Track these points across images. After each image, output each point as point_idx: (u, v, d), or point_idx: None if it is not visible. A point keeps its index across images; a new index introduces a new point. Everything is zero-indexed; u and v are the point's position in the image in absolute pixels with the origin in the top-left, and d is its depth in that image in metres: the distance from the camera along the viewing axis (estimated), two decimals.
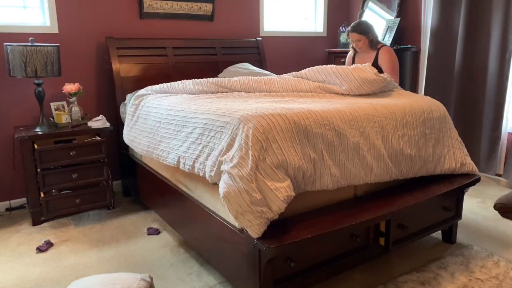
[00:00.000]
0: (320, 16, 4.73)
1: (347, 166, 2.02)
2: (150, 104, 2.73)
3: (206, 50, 3.82)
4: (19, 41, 2.95)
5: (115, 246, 2.62)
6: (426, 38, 4.03)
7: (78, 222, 3.01)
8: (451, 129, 2.55)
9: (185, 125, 2.22)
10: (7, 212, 3.17)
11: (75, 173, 2.93)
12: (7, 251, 2.58)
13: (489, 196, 3.37)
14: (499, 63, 3.49)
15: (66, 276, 2.29)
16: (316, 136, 1.93)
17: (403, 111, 2.32)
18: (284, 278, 1.85)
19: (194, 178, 2.27)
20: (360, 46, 3.40)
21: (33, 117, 3.20)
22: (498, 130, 3.59)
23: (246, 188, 1.69)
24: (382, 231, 2.18)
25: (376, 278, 2.23)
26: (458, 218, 2.58)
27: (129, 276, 1.84)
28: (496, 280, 2.18)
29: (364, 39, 3.36)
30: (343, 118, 2.05)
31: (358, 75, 2.54)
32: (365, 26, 3.39)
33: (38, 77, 2.83)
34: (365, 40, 3.37)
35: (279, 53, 4.43)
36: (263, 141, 1.76)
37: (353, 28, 3.38)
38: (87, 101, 3.41)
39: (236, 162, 1.74)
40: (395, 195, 2.21)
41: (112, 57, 3.34)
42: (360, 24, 3.41)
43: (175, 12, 3.70)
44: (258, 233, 1.70)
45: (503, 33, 3.45)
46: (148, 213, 3.14)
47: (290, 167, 1.80)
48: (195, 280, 2.24)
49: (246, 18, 4.18)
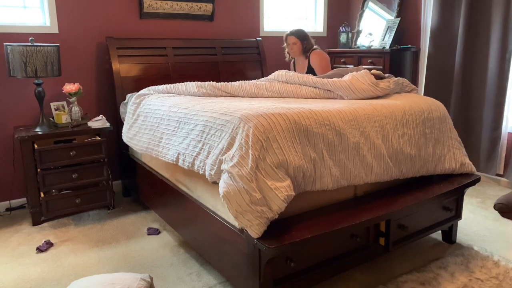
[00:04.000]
0: (320, 16, 4.72)
1: (347, 166, 2.02)
2: (152, 102, 2.73)
3: (206, 50, 3.82)
4: (19, 41, 2.96)
5: (115, 246, 2.62)
6: (426, 38, 4.03)
7: (78, 222, 3.01)
8: (451, 129, 2.55)
9: (186, 122, 2.23)
10: (7, 212, 3.17)
11: (75, 173, 2.93)
12: (7, 251, 2.58)
13: (489, 196, 3.37)
14: (499, 63, 3.49)
15: (66, 276, 2.29)
16: (317, 136, 1.93)
17: (403, 111, 2.32)
18: (284, 278, 1.85)
19: (194, 178, 2.27)
20: (295, 50, 3.63)
21: (33, 117, 3.20)
22: (498, 130, 3.59)
23: (246, 187, 1.69)
24: (382, 231, 2.18)
25: (376, 278, 2.23)
26: (458, 218, 2.58)
27: (129, 276, 1.84)
28: (496, 280, 2.18)
29: (299, 44, 3.62)
30: (344, 118, 2.05)
31: (356, 87, 2.46)
32: (304, 34, 3.64)
33: (38, 77, 2.83)
34: (299, 45, 3.62)
35: (279, 53, 4.42)
36: (264, 141, 1.76)
37: (291, 32, 3.64)
38: (87, 101, 3.41)
39: (236, 161, 1.74)
40: (395, 195, 2.21)
41: (112, 57, 3.34)
42: (299, 31, 3.66)
43: (175, 12, 3.70)
44: (258, 233, 1.70)
45: (503, 33, 3.45)
46: (148, 213, 3.14)
47: (290, 167, 1.80)
48: (195, 280, 2.24)
49: (246, 18, 4.18)
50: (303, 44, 3.61)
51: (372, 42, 4.30)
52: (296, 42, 3.61)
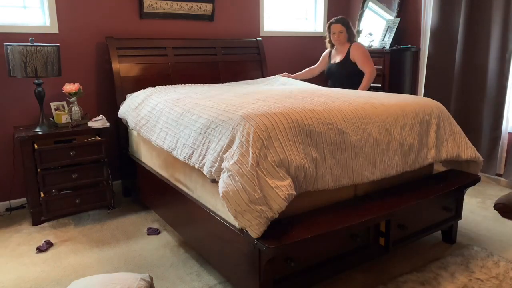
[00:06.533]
0: (320, 16, 4.72)
1: (349, 164, 2.03)
2: (161, 94, 2.90)
3: (206, 50, 3.82)
4: (19, 41, 2.95)
5: (115, 246, 2.62)
6: (426, 38, 4.03)
7: (78, 222, 3.00)
8: (450, 117, 2.55)
9: (190, 111, 2.29)
10: (7, 212, 3.17)
11: (75, 173, 2.93)
12: (7, 251, 2.58)
13: (489, 196, 3.37)
14: (499, 63, 3.49)
15: (66, 276, 2.29)
16: (319, 135, 1.93)
17: (403, 104, 2.37)
18: (284, 278, 1.85)
19: (194, 178, 2.27)
20: (341, 38, 3.63)
21: (33, 117, 3.20)
22: (498, 130, 3.59)
23: (245, 186, 1.69)
24: (382, 231, 2.18)
25: (376, 278, 2.23)
26: (458, 218, 2.59)
27: (129, 276, 1.84)
28: (496, 280, 2.18)
29: (345, 32, 3.62)
30: (345, 117, 2.07)
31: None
32: (348, 21, 3.66)
33: (38, 77, 2.83)
34: (345, 33, 3.62)
35: (279, 53, 4.43)
36: (265, 139, 1.77)
37: (337, 20, 3.64)
38: (87, 101, 3.40)
39: (237, 159, 1.75)
40: (395, 195, 2.21)
41: (112, 57, 3.34)
42: (344, 19, 3.68)
43: (175, 12, 3.69)
44: (257, 233, 1.70)
45: (503, 33, 3.44)
46: (148, 213, 3.14)
47: (291, 166, 1.80)
48: (195, 280, 2.24)
49: (246, 18, 4.18)
50: (348, 32, 3.62)
51: (372, 42, 4.30)
52: (343, 30, 3.60)
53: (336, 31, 3.61)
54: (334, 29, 3.62)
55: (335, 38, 3.65)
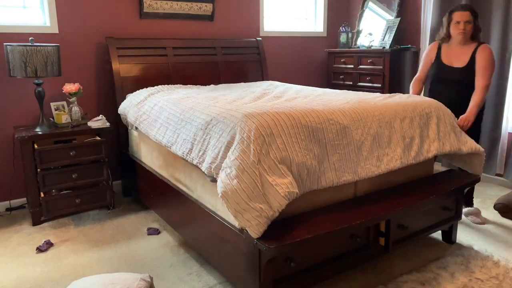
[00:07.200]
0: (320, 16, 4.72)
1: (353, 159, 2.04)
2: (163, 94, 2.93)
3: (206, 50, 3.82)
4: (19, 41, 2.95)
5: (115, 246, 2.62)
6: (426, 38, 4.02)
7: (78, 222, 3.00)
8: (450, 114, 2.55)
9: (193, 108, 2.30)
10: (7, 212, 3.16)
11: (75, 173, 2.93)
12: (7, 251, 2.58)
13: (489, 196, 3.37)
14: (499, 63, 3.48)
15: (66, 276, 2.29)
16: (321, 131, 1.95)
17: (401, 101, 2.40)
18: (284, 278, 1.85)
19: (194, 178, 2.27)
20: (467, 31, 2.77)
21: (33, 117, 3.20)
22: (498, 130, 3.59)
23: (245, 182, 1.69)
24: (382, 231, 2.18)
25: (376, 278, 2.23)
26: (458, 218, 2.59)
27: (129, 276, 1.84)
28: (496, 280, 2.18)
29: (472, 24, 2.77)
30: (345, 113, 2.09)
31: None
32: (477, 12, 2.80)
33: (38, 77, 2.83)
34: (472, 27, 2.77)
35: (279, 53, 4.43)
36: (267, 136, 1.78)
37: (467, 7, 2.81)
38: (87, 101, 3.40)
39: (237, 155, 1.75)
40: (395, 195, 2.21)
41: (112, 57, 3.34)
42: (473, 6, 2.85)
43: (175, 12, 3.69)
44: (257, 233, 1.69)
45: (503, 33, 3.44)
46: (148, 213, 3.14)
47: (293, 164, 1.81)
48: (195, 280, 2.24)
49: (246, 18, 4.18)
50: (475, 26, 2.78)
51: (372, 42, 4.30)
52: (471, 21, 2.74)
53: (462, 21, 2.73)
54: (460, 18, 2.74)
55: (460, 30, 2.76)
